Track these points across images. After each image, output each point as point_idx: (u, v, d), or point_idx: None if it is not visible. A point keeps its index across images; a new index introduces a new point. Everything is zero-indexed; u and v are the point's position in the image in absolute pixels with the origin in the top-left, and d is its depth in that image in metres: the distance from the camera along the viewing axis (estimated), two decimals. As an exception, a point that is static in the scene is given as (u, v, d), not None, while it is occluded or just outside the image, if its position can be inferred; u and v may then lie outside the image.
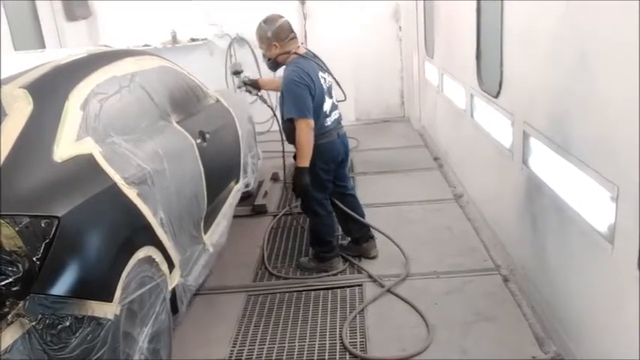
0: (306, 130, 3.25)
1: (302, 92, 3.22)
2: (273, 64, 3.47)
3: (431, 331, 2.89)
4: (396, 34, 7.52)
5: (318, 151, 3.35)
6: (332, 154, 3.48)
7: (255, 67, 7.35)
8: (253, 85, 4.05)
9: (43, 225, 1.84)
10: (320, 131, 3.37)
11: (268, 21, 3.43)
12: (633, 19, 1.79)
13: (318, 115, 3.34)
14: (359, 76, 7.49)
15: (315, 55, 3.48)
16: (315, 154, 3.34)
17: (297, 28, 7.35)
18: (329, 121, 3.44)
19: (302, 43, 3.29)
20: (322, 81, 3.39)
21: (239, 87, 4.11)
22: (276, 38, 3.37)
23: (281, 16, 3.48)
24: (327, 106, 3.42)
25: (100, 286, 2.02)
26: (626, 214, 1.94)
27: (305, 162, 3.32)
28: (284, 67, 3.40)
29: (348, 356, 2.79)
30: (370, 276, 3.50)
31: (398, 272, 3.51)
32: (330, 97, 3.47)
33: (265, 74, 8.39)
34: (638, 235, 1.83)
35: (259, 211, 4.71)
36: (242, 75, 4.12)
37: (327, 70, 3.49)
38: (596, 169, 2.14)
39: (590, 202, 2.22)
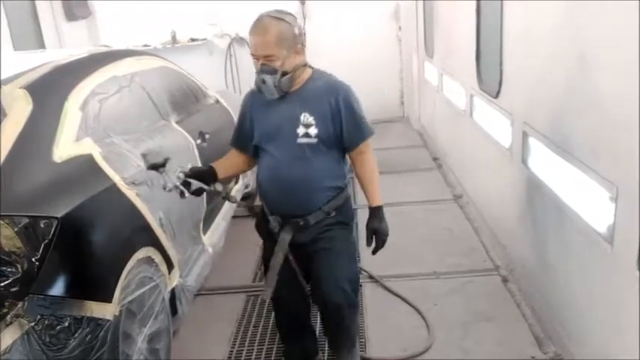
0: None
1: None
2: (289, 82, 2.13)
3: (431, 332, 2.90)
4: (396, 34, 7.52)
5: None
6: None
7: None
8: (202, 179, 2.26)
9: (42, 225, 1.84)
10: None
11: (285, 13, 2.15)
12: (633, 19, 1.79)
13: None
14: (358, 76, 7.43)
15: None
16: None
17: (296, 28, 7.52)
18: None
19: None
20: None
21: (167, 189, 2.24)
22: (302, 40, 2.18)
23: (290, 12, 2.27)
24: None
25: (99, 287, 2.02)
26: (625, 215, 1.93)
27: (380, 198, 2.39)
28: (304, 83, 2.22)
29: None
30: (371, 276, 3.50)
31: (398, 272, 3.51)
32: None
33: None
34: (637, 236, 1.83)
35: (259, 211, 4.70)
36: (165, 170, 2.23)
37: None
38: (596, 170, 2.14)
39: (590, 203, 2.22)
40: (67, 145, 2.21)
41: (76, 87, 2.46)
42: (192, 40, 7.42)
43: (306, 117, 2.14)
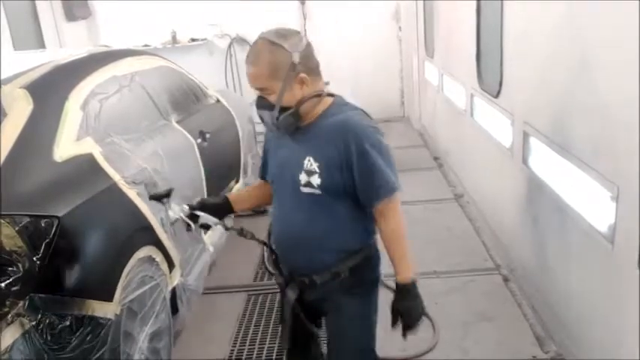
0: (400, 210, 1.85)
1: (389, 147, 1.80)
2: (293, 119, 1.73)
3: (437, 331, 2.90)
4: (396, 34, 7.52)
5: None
6: None
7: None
8: (213, 211, 1.97)
9: (43, 225, 1.84)
10: None
11: (286, 35, 1.71)
12: (633, 18, 1.79)
13: None
14: (359, 75, 7.49)
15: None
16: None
17: (297, 28, 7.49)
18: None
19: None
20: None
21: (171, 222, 2.04)
22: (305, 67, 1.71)
23: (299, 32, 1.78)
24: None
25: (100, 286, 2.03)
26: (626, 214, 1.93)
27: (412, 268, 1.89)
28: (319, 117, 1.78)
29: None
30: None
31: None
32: None
33: None
34: (638, 235, 1.83)
35: (259, 210, 4.70)
36: (169, 201, 1.98)
37: None
38: (597, 169, 2.14)
39: (591, 202, 2.21)
40: (67, 145, 2.21)
41: (76, 87, 2.47)
42: (193, 40, 7.42)
43: (310, 162, 1.72)
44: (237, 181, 4.30)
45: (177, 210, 1.94)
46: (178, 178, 2.87)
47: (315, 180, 1.72)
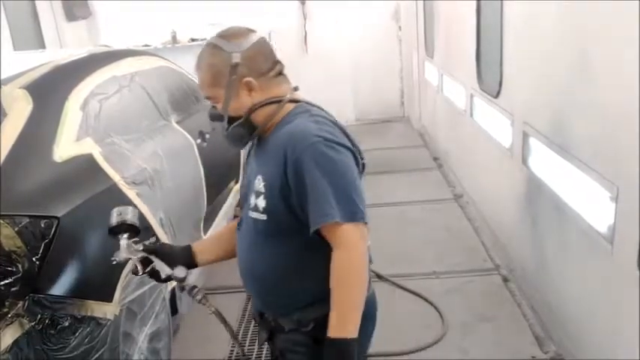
0: (362, 247, 1.40)
1: (348, 164, 1.40)
2: (244, 130, 1.49)
3: (445, 322, 2.93)
4: (396, 34, 7.53)
5: (370, 301, 1.63)
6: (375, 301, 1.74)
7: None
8: (168, 259, 1.64)
9: (42, 225, 1.84)
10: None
11: (229, 35, 1.49)
12: (633, 18, 1.79)
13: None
14: (359, 75, 7.50)
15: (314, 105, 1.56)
16: (368, 307, 1.52)
17: (297, 28, 7.56)
18: None
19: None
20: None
21: (113, 261, 1.66)
22: (251, 69, 1.46)
23: (251, 30, 1.53)
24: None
25: (100, 286, 2.02)
26: (625, 215, 1.93)
27: (355, 322, 1.39)
28: (274, 128, 1.49)
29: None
30: (378, 275, 3.50)
31: (398, 272, 3.51)
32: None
33: None
34: (637, 235, 1.83)
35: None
36: (125, 239, 1.63)
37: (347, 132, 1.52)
38: (596, 169, 2.14)
39: (590, 202, 2.22)
40: (67, 145, 2.21)
41: (76, 87, 2.47)
42: (193, 40, 7.41)
43: (259, 181, 1.44)
44: (236, 182, 4.30)
45: (129, 250, 1.61)
46: (178, 178, 2.87)
47: (261, 202, 1.44)
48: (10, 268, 1.75)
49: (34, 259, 1.80)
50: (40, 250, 1.81)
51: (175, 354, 2.68)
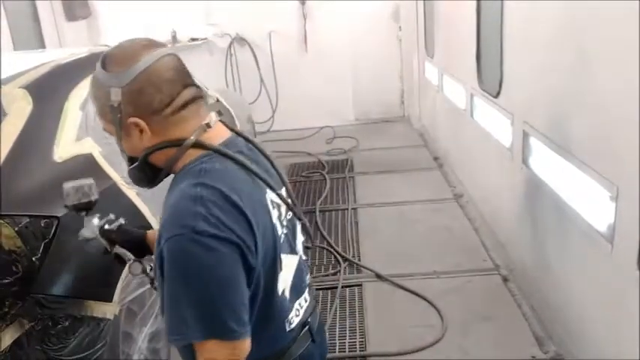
0: None
1: (219, 267, 1.07)
2: (143, 174, 1.25)
3: (445, 322, 2.93)
4: (396, 34, 7.52)
5: None
6: None
7: (256, 72, 7.36)
8: (129, 243, 1.62)
9: (42, 225, 1.84)
10: (274, 349, 1.27)
11: (115, 57, 1.19)
12: (633, 18, 1.79)
13: (269, 311, 1.23)
14: (359, 75, 7.49)
15: (249, 143, 1.31)
16: None
17: (297, 28, 7.55)
18: (295, 319, 1.31)
19: (217, 116, 1.27)
20: (273, 213, 1.23)
21: (81, 238, 1.64)
22: (137, 107, 1.16)
23: (152, 44, 1.25)
24: (286, 279, 1.28)
25: (100, 286, 2.02)
26: (625, 214, 1.94)
27: None
28: (172, 179, 1.23)
29: (347, 355, 2.79)
30: (378, 275, 3.50)
31: (398, 272, 3.51)
32: (294, 250, 1.33)
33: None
34: (637, 235, 1.83)
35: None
36: (92, 220, 1.64)
37: (279, 181, 1.31)
38: (596, 169, 2.14)
39: (590, 202, 2.22)
40: (67, 145, 2.21)
41: (76, 87, 2.46)
42: (193, 39, 7.42)
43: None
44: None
45: (94, 229, 1.58)
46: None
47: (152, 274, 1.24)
48: (10, 268, 1.74)
49: (34, 259, 1.79)
50: (40, 250, 1.81)
51: (175, 354, 2.68)
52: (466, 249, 3.77)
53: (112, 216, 1.66)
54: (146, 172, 1.24)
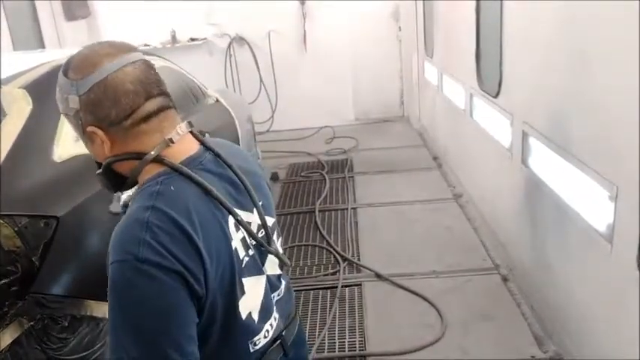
0: None
1: (160, 299, 1.04)
2: (108, 181, 1.21)
3: (444, 321, 2.94)
4: (396, 34, 7.52)
5: None
6: None
7: (256, 72, 7.36)
8: None
9: (42, 225, 1.84)
10: None
11: (72, 67, 1.12)
12: (633, 18, 1.79)
13: (230, 334, 1.17)
14: (358, 75, 7.50)
15: (217, 157, 1.21)
16: None
17: (296, 28, 7.55)
18: (263, 340, 1.23)
19: (188, 127, 1.19)
20: (234, 236, 1.17)
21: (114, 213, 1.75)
22: (96, 116, 1.12)
23: (117, 51, 1.13)
24: (252, 302, 1.21)
25: (100, 286, 2.01)
26: (625, 214, 1.94)
27: None
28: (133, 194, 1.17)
29: (347, 354, 2.80)
30: (378, 275, 3.50)
31: (398, 271, 3.51)
32: (261, 270, 1.24)
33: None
34: (637, 235, 1.83)
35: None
36: (121, 196, 1.43)
37: (252, 193, 1.23)
38: (596, 169, 2.14)
39: (590, 202, 2.22)
40: (67, 145, 2.21)
41: (75, 87, 2.46)
42: (192, 39, 7.42)
43: None
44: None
45: (122, 203, 1.41)
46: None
47: None
48: (9, 268, 1.74)
49: (34, 259, 1.80)
50: (40, 250, 1.81)
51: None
52: (466, 249, 3.77)
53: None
54: (111, 180, 1.20)
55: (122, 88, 1.09)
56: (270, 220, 1.29)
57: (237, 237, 1.17)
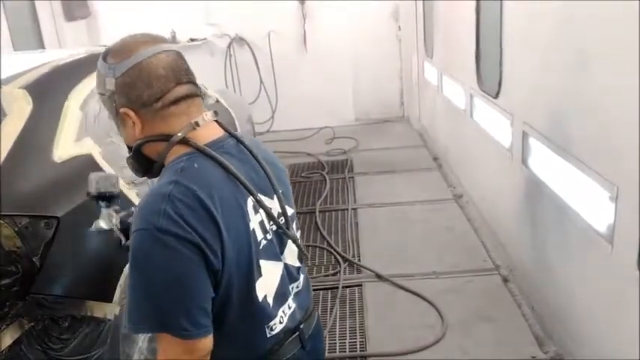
0: None
1: (176, 266, 1.09)
2: (137, 164, 1.29)
3: (445, 322, 2.94)
4: (396, 34, 7.53)
5: None
6: None
7: (256, 72, 7.35)
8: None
9: (42, 225, 1.84)
10: (253, 353, 1.27)
11: (110, 52, 1.25)
12: (633, 18, 1.79)
13: (247, 315, 1.23)
14: (358, 75, 7.50)
15: (238, 145, 1.32)
16: None
17: (296, 28, 7.55)
18: (279, 325, 1.29)
19: (213, 115, 1.30)
20: (253, 217, 1.24)
21: (96, 228, 1.74)
22: (129, 99, 1.21)
23: (153, 40, 1.25)
24: (269, 286, 1.27)
25: (100, 286, 2.02)
26: (625, 214, 1.94)
27: None
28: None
29: (347, 355, 2.80)
30: (378, 275, 3.50)
31: (398, 272, 3.51)
32: (279, 257, 1.31)
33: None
34: (637, 235, 1.83)
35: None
36: (109, 212, 1.72)
37: (274, 180, 1.33)
38: (596, 169, 2.14)
39: (590, 202, 2.22)
40: (67, 145, 2.21)
41: (76, 87, 2.46)
42: (192, 40, 7.42)
43: None
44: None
45: (112, 220, 1.60)
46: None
47: None
48: (9, 269, 1.74)
49: (34, 259, 1.79)
50: (40, 250, 1.81)
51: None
52: (466, 249, 3.77)
53: (132, 209, 1.66)
54: (140, 163, 1.28)
55: (155, 72, 1.19)
56: (289, 210, 1.35)
57: (255, 219, 1.24)
